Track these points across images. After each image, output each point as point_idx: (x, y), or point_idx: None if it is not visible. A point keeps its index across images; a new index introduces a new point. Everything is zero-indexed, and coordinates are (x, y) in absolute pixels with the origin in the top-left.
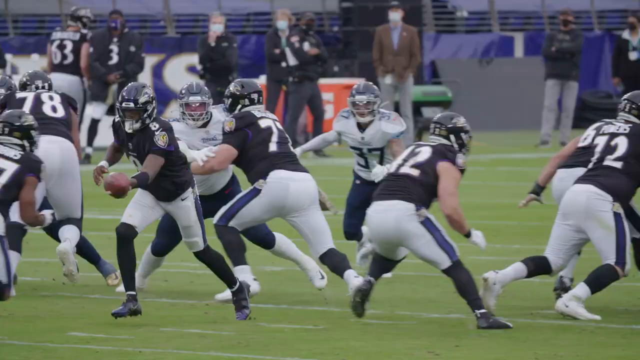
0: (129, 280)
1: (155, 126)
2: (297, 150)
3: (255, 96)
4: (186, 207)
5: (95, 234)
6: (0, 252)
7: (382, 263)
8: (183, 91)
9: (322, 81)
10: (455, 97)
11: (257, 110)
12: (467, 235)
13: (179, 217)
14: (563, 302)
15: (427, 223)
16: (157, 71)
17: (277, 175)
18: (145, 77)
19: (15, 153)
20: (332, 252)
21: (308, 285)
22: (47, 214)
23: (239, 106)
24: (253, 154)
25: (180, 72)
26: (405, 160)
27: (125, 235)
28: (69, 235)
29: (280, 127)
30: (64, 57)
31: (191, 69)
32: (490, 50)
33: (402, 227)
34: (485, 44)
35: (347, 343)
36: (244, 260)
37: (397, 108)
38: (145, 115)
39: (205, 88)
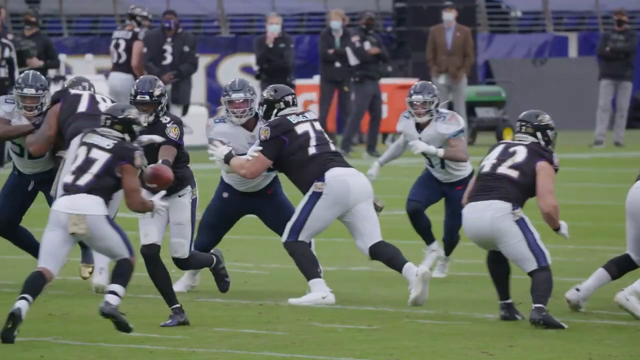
0: (169, 296)
1: (166, 119)
2: (375, 164)
3: (289, 98)
4: (181, 203)
5: None
6: (110, 228)
7: (501, 273)
8: (226, 88)
9: None
10: (509, 97)
11: (294, 113)
12: (557, 229)
13: (173, 213)
14: (624, 295)
15: (521, 223)
16: (211, 71)
17: (333, 174)
18: (199, 77)
19: (109, 143)
20: (384, 243)
21: (361, 285)
22: (156, 199)
23: (275, 110)
24: (293, 160)
25: (234, 72)
26: (501, 160)
27: (151, 255)
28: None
29: (318, 127)
30: (119, 56)
31: (245, 69)
32: (544, 50)
33: (496, 226)
34: (539, 44)
35: (401, 343)
36: (317, 274)
37: (450, 108)
38: (159, 108)
39: (250, 84)
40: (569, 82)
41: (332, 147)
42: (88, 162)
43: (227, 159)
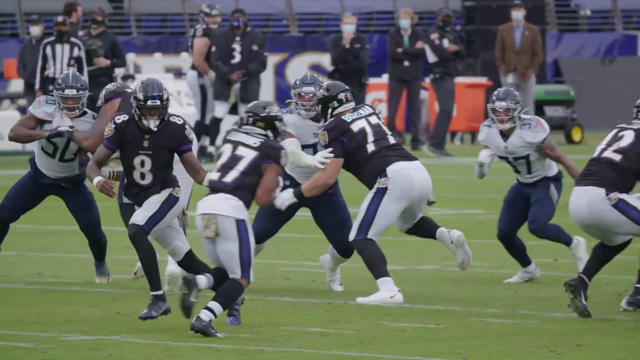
0: (154, 279)
1: (180, 120)
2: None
3: (342, 96)
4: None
5: None
6: (237, 237)
7: (601, 259)
8: (297, 82)
9: None
10: (577, 95)
11: (348, 111)
12: None
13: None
14: None
15: (620, 205)
16: (280, 70)
17: (395, 168)
18: (267, 76)
19: (255, 141)
20: (423, 218)
21: (429, 284)
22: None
23: (330, 110)
24: (354, 160)
25: (303, 70)
26: (608, 145)
27: (134, 234)
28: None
29: (375, 121)
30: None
31: (314, 68)
32: (614, 49)
33: (594, 213)
34: (608, 43)
35: (469, 342)
36: (386, 272)
37: None
38: (166, 111)
39: (320, 79)
40: (638, 80)
41: (391, 140)
42: (234, 159)
43: (299, 195)
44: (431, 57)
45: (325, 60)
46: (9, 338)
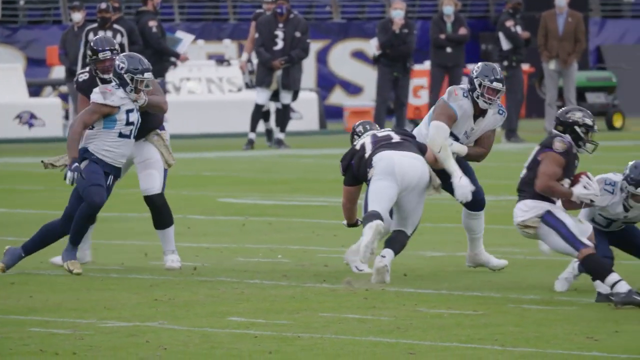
0: None
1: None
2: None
3: (359, 129)
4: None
5: (256, 219)
6: (551, 232)
7: None
8: (486, 72)
9: None
10: (619, 82)
11: (369, 133)
12: None
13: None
14: None
15: None
16: (322, 57)
17: (379, 156)
18: (309, 63)
19: (542, 139)
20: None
21: (468, 270)
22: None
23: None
24: (362, 171)
25: (345, 57)
26: None
27: None
28: None
29: (383, 133)
30: None
31: (356, 55)
32: None
33: None
34: None
35: (506, 329)
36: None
37: (560, 93)
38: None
39: (503, 75)
40: None
41: (395, 139)
42: (532, 162)
43: None
44: (505, 45)
45: (367, 47)
46: (47, 324)
